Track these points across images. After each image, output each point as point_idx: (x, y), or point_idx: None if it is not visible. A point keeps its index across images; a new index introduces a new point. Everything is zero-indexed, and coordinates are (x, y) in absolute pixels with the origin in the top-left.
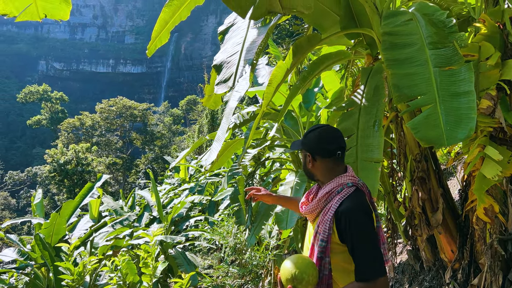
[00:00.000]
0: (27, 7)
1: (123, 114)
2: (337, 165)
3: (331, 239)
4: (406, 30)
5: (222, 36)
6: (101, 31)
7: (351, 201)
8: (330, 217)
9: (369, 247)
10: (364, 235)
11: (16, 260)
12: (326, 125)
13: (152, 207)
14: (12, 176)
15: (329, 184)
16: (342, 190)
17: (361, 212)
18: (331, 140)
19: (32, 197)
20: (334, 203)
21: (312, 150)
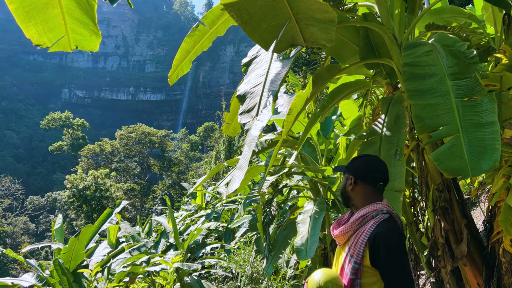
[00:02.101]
0: (60, 39)
1: (142, 140)
2: (376, 194)
3: (363, 262)
4: (426, 61)
5: (246, 68)
6: (123, 60)
7: (386, 226)
8: (364, 240)
9: (401, 271)
10: (397, 259)
11: (34, 285)
12: (375, 156)
13: (168, 234)
14: (32, 201)
15: (365, 208)
16: (376, 216)
17: (396, 237)
18: (376, 169)
19: (53, 222)
20: (368, 227)
21: (357, 174)
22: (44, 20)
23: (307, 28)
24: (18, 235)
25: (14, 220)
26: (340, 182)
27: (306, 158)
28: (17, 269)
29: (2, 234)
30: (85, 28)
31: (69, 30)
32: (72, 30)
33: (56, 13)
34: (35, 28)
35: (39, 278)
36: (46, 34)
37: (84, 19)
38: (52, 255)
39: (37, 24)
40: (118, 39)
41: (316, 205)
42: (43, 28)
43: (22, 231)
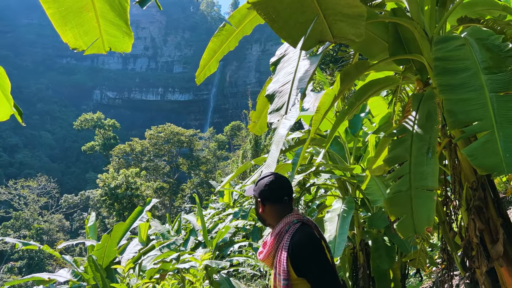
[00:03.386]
0: (94, 41)
1: (171, 140)
2: (284, 209)
3: (290, 277)
4: (459, 55)
5: (274, 67)
6: (151, 61)
7: (299, 236)
8: (284, 255)
9: (322, 271)
10: (315, 262)
11: (69, 280)
12: (275, 174)
13: (197, 232)
14: (66, 199)
15: (278, 226)
16: (289, 228)
17: (308, 242)
18: (279, 187)
19: (86, 220)
20: (285, 242)
21: (262, 196)
22: (80, 23)
23: (335, 24)
24: (54, 232)
25: (50, 218)
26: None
27: (334, 157)
28: (53, 265)
29: (39, 231)
30: (118, 30)
31: (103, 33)
32: (106, 32)
33: (91, 16)
34: (71, 32)
35: (74, 273)
36: (82, 37)
37: (117, 21)
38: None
39: (73, 28)
40: (146, 41)
41: (344, 203)
42: (79, 32)
43: (58, 228)
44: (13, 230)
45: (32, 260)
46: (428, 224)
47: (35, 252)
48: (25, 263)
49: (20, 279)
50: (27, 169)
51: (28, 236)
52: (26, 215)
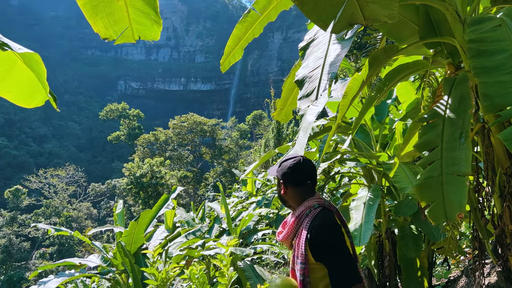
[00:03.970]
0: (124, 31)
1: (194, 129)
2: (307, 192)
3: (308, 261)
4: (494, 37)
5: (303, 52)
6: (174, 51)
7: (320, 220)
8: (303, 239)
9: (340, 257)
10: (333, 247)
11: (99, 265)
12: (300, 156)
13: (221, 219)
14: (94, 188)
15: (298, 208)
16: (310, 212)
17: (328, 227)
18: (303, 170)
19: (114, 208)
20: (304, 226)
21: (285, 178)
22: (110, 13)
23: (367, 6)
24: (83, 220)
25: (79, 206)
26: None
27: (359, 144)
28: (82, 251)
29: (69, 218)
30: (147, 18)
31: (132, 21)
32: (135, 21)
33: (120, 6)
34: (102, 22)
35: (104, 259)
36: (112, 27)
37: (146, 9)
38: (113, 238)
39: (104, 18)
40: (169, 31)
41: (370, 191)
42: (109, 21)
43: (86, 216)
44: (44, 218)
45: (62, 246)
46: (460, 210)
47: (65, 238)
48: (55, 249)
49: (52, 263)
50: (55, 158)
51: (58, 223)
52: (56, 203)
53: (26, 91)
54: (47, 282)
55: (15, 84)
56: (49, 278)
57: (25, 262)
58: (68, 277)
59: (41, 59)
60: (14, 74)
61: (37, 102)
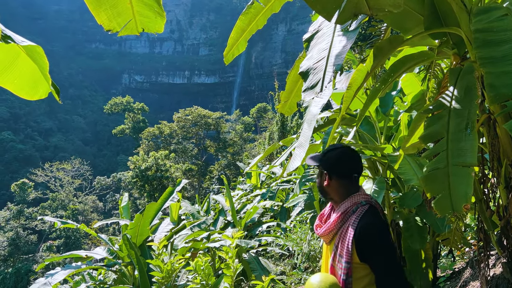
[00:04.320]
0: (128, 23)
1: (198, 122)
2: (352, 186)
3: (353, 260)
4: (501, 26)
5: (308, 44)
6: (177, 44)
7: (368, 219)
8: (349, 237)
9: (389, 261)
10: (384, 250)
11: (105, 258)
12: (347, 147)
13: (226, 212)
14: (99, 181)
15: (344, 204)
16: (357, 209)
17: (377, 227)
18: (350, 162)
19: (120, 200)
20: (351, 223)
21: (330, 169)
22: (113, 5)
23: None
24: (89, 213)
25: (85, 199)
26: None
27: (363, 136)
28: (89, 244)
29: (75, 211)
30: (150, 10)
31: (135, 13)
32: (139, 13)
33: None
34: (105, 14)
35: (110, 251)
36: (115, 18)
37: (149, 1)
38: (119, 231)
39: (107, 9)
40: (172, 24)
41: (375, 184)
42: (112, 13)
43: (92, 209)
44: (51, 211)
45: (69, 239)
46: (466, 201)
47: (72, 231)
48: (62, 242)
49: (59, 256)
50: (61, 152)
51: (64, 216)
52: (62, 196)
53: (29, 83)
54: (54, 274)
55: (18, 76)
56: (56, 270)
57: (32, 255)
58: (74, 269)
59: (43, 51)
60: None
61: (40, 94)
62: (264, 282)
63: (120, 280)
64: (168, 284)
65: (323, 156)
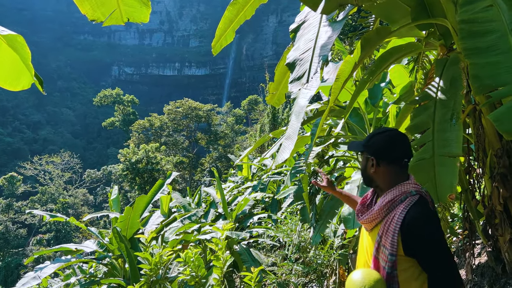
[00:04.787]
0: (112, 12)
1: (189, 115)
2: (401, 172)
3: (398, 252)
4: (486, 17)
5: (294, 34)
6: (167, 36)
7: (418, 211)
8: (396, 228)
9: (444, 257)
10: (437, 246)
11: (96, 251)
12: (395, 129)
13: (217, 204)
14: (89, 174)
15: (391, 192)
16: (406, 199)
17: (430, 222)
18: (399, 146)
19: (109, 193)
20: (398, 213)
21: (378, 154)
22: None
23: None
24: (79, 206)
25: (75, 192)
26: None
27: (353, 128)
28: (79, 237)
29: (65, 205)
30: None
31: (120, 3)
32: (123, 2)
33: None
34: (89, 4)
35: (100, 244)
36: (99, 8)
37: None
38: (109, 224)
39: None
40: (162, 15)
41: None
42: (96, 3)
43: (82, 202)
44: (40, 204)
45: (59, 232)
46: (451, 191)
47: (62, 225)
48: (52, 235)
49: (49, 249)
50: (50, 145)
51: (54, 210)
52: (51, 190)
53: (11, 73)
54: (44, 267)
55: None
56: (46, 264)
57: (22, 249)
58: (64, 262)
59: (24, 41)
60: None
61: (23, 85)
62: (253, 273)
63: (110, 273)
64: (157, 276)
65: (368, 141)
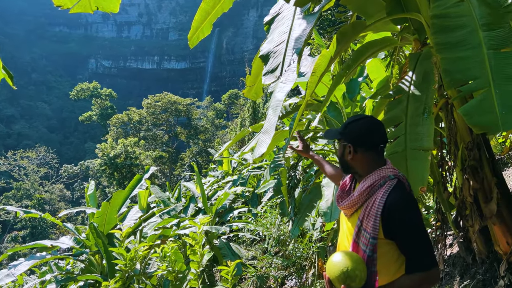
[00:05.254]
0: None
1: (168, 109)
2: (378, 158)
3: (378, 236)
4: (457, 12)
5: (268, 26)
6: (146, 28)
7: (398, 194)
8: (377, 213)
9: (422, 238)
10: (416, 227)
11: (72, 247)
12: (370, 116)
13: (197, 199)
14: (66, 169)
15: (370, 177)
16: (385, 184)
17: (411, 206)
18: (375, 132)
19: (86, 189)
20: (379, 198)
21: (355, 141)
22: None
23: None
24: (55, 202)
25: (51, 188)
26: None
27: (331, 122)
28: (56, 233)
29: (41, 201)
30: None
31: None
32: None
33: None
34: None
35: (76, 240)
36: None
37: None
38: (87, 220)
39: None
40: (140, 7)
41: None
42: None
43: (59, 198)
44: (15, 200)
45: (35, 229)
46: (422, 184)
47: (38, 221)
48: (28, 232)
49: (23, 246)
50: (25, 140)
51: (30, 206)
52: (27, 186)
53: None
54: (18, 265)
55: None
56: (20, 261)
57: None
58: (39, 259)
59: None
60: None
61: None
62: (230, 267)
63: (87, 269)
64: (133, 271)
65: (344, 129)
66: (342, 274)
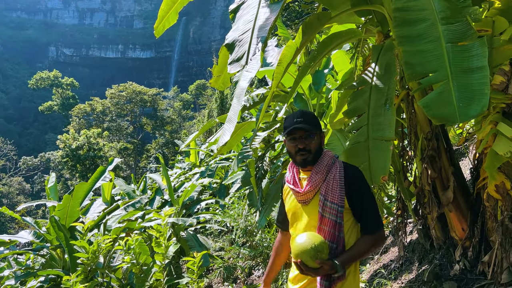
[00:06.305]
0: None
1: (133, 99)
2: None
3: (344, 204)
4: (418, 6)
5: (234, 15)
6: (110, 16)
7: (352, 167)
8: (341, 183)
9: (375, 203)
10: (372, 195)
11: (32, 242)
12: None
13: (163, 191)
14: (25, 161)
15: (323, 158)
16: (335, 162)
17: (362, 174)
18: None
19: (46, 181)
20: (338, 172)
21: (320, 129)
22: None
23: None
24: (14, 195)
25: (9, 181)
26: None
27: None
28: (15, 228)
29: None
30: None
31: None
32: None
33: None
34: None
35: (36, 235)
36: None
37: None
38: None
39: None
40: None
41: None
42: None
43: (18, 191)
44: None
45: None
46: (383, 173)
47: None
48: None
49: None
50: None
51: None
52: None
53: None
54: None
55: None
56: None
57: None
58: None
59: None
60: None
61: None
62: (196, 258)
63: (48, 264)
64: (96, 265)
65: (313, 121)
66: (312, 250)
